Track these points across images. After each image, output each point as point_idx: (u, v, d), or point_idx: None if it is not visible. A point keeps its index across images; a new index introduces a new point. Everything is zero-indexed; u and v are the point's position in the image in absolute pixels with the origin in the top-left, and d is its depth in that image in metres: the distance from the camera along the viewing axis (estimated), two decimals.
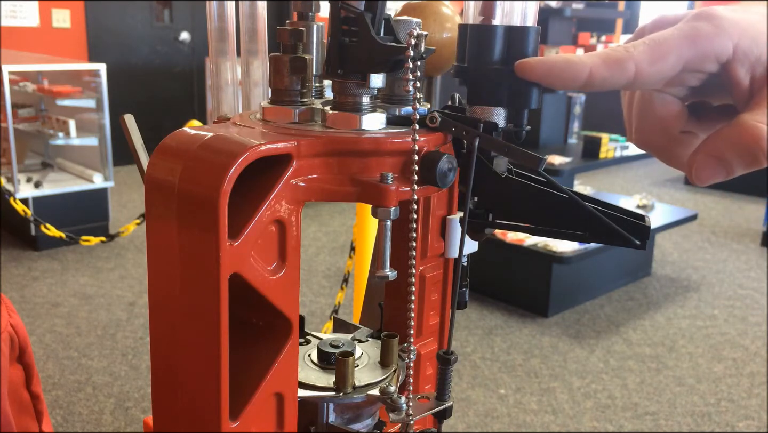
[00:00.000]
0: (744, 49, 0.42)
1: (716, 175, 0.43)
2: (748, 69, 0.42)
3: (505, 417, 2.70)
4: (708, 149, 0.43)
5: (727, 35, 0.42)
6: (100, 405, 2.72)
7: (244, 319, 0.47)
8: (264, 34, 0.61)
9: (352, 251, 2.50)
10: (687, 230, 5.14)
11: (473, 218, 0.53)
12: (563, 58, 0.43)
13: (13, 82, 4.50)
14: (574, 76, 0.43)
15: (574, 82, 0.43)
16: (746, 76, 0.43)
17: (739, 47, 0.42)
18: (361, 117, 0.47)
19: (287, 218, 0.44)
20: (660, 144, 0.48)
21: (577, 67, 0.42)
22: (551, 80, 0.43)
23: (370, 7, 0.45)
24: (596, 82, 0.42)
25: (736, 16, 0.42)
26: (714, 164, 0.42)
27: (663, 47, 0.42)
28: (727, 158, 0.42)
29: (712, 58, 0.42)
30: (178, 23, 7.01)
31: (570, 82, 0.43)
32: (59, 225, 3.77)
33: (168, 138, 0.45)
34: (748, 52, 0.42)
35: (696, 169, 0.43)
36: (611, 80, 0.42)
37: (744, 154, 0.41)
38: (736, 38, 0.42)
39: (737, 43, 0.42)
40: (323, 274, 4.13)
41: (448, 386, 0.54)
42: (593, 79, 0.42)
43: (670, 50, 0.42)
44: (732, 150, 0.41)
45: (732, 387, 2.97)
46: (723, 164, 0.42)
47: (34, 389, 0.86)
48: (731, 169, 0.42)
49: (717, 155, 0.42)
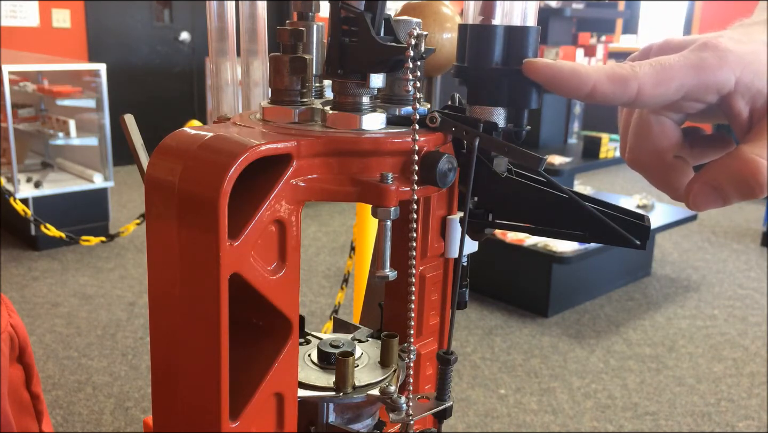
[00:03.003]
0: (746, 83, 0.43)
1: (713, 203, 0.44)
2: (748, 101, 0.43)
3: (505, 417, 2.70)
4: (706, 178, 0.44)
5: (731, 68, 0.42)
6: (100, 405, 2.72)
7: (244, 319, 0.47)
8: (264, 34, 0.61)
9: (352, 251, 2.50)
10: (687, 230, 5.14)
11: (473, 217, 0.53)
12: (570, 67, 0.43)
13: (13, 82, 4.50)
14: (578, 87, 0.43)
15: (576, 92, 0.43)
16: (746, 108, 0.44)
17: (741, 81, 0.43)
18: (361, 117, 0.47)
19: (287, 217, 0.44)
20: (652, 166, 0.49)
21: (581, 78, 0.43)
22: (554, 86, 0.44)
23: (370, 7, 0.45)
24: (598, 96, 0.43)
25: (740, 49, 0.43)
26: (711, 193, 0.43)
27: (668, 72, 0.42)
28: (724, 188, 0.43)
29: (713, 90, 0.43)
30: (178, 23, 7.01)
31: (572, 92, 0.43)
32: (59, 225, 3.77)
33: (168, 138, 0.45)
34: (750, 85, 0.43)
35: (693, 196, 0.44)
36: (613, 97, 0.43)
37: (741, 186, 0.42)
38: (739, 72, 0.42)
39: (739, 76, 0.43)
40: (323, 274, 4.13)
41: (448, 386, 0.54)
42: (595, 93, 0.43)
43: (675, 77, 0.42)
44: (730, 181, 0.42)
45: (732, 387, 2.97)
46: (720, 194, 0.43)
47: (34, 389, 0.86)
48: (728, 199, 0.43)
49: (715, 185, 0.43)
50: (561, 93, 0.44)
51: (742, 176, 0.42)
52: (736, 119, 0.44)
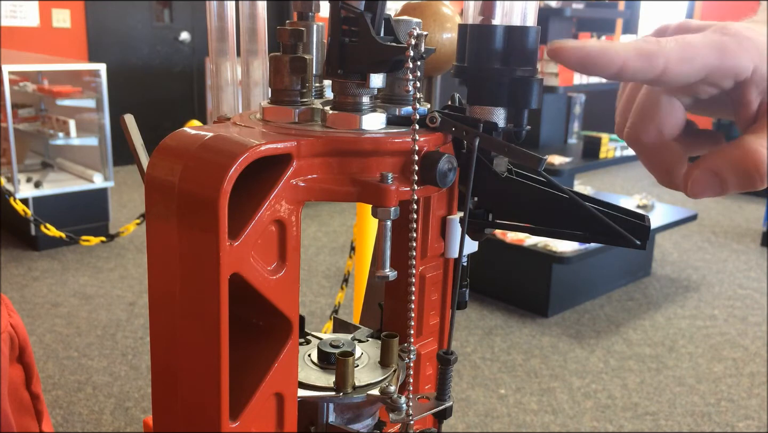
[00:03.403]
0: (762, 74, 0.43)
1: (711, 190, 0.44)
2: (760, 92, 0.43)
3: (505, 417, 2.70)
4: (707, 165, 0.43)
5: (750, 56, 0.42)
6: (100, 405, 2.72)
7: (244, 319, 0.47)
8: (264, 34, 0.61)
9: (352, 251, 2.50)
10: (687, 230, 5.14)
11: (473, 217, 0.53)
12: (599, 46, 0.42)
13: (13, 82, 4.50)
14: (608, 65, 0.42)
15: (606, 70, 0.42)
16: (756, 99, 0.44)
17: (758, 70, 0.43)
18: (361, 117, 0.47)
19: (287, 217, 0.44)
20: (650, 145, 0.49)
21: (611, 57, 0.42)
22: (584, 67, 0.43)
23: (370, 7, 0.45)
24: (627, 74, 0.42)
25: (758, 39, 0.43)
26: (710, 180, 0.43)
27: (692, 50, 0.42)
28: (724, 176, 0.43)
29: (731, 75, 0.43)
30: (178, 23, 7.01)
31: (602, 71, 0.43)
32: (59, 225, 3.77)
33: (168, 138, 0.45)
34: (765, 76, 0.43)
35: (692, 182, 0.44)
36: (641, 74, 0.42)
37: (742, 175, 0.42)
38: (757, 60, 0.42)
39: (757, 65, 0.42)
40: (323, 274, 4.13)
41: (448, 386, 0.54)
42: (625, 71, 0.42)
43: (698, 55, 0.42)
44: (731, 169, 0.42)
45: (732, 387, 2.97)
46: (719, 181, 0.43)
47: (34, 389, 0.86)
48: (726, 187, 0.43)
49: (716, 171, 0.43)
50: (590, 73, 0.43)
51: (744, 165, 0.42)
52: (744, 108, 0.44)
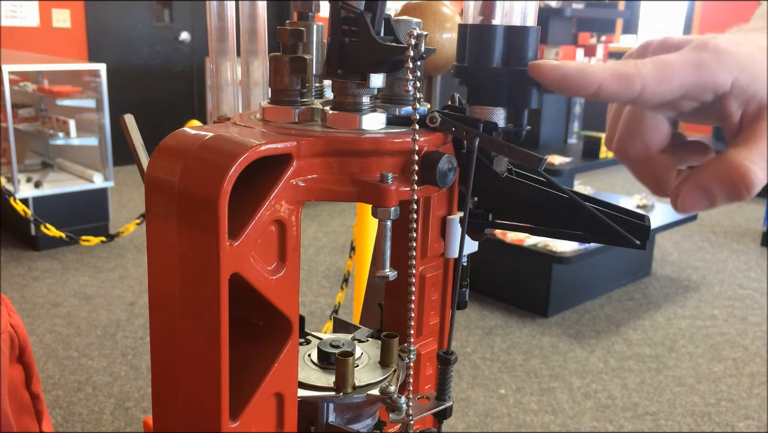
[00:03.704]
0: (741, 85, 0.43)
1: (699, 205, 0.45)
2: (741, 104, 0.44)
3: (505, 417, 2.70)
4: (694, 181, 0.44)
5: (728, 70, 0.43)
6: (100, 405, 2.72)
7: (244, 319, 0.47)
8: (264, 34, 0.61)
9: (352, 251, 2.50)
10: (687, 230, 5.14)
11: (473, 217, 0.53)
12: (576, 68, 0.44)
13: (13, 82, 4.50)
14: (585, 87, 0.44)
15: (583, 92, 0.44)
16: (738, 111, 0.44)
17: (737, 83, 0.43)
18: (361, 117, 0.47)
19: (287, 217, 0.44)
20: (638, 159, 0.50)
21: (588, 78, 0.43)
22: (562, 87, 0.45)
23: (370, 7, 0.45)
24: (603, 95, 0.44)
25: (738, 51, 0.43)
26: (699, 195, 0.44)
27: (669, 70, 0.43)
28: (711, 191, 0.44)
29: (710, 90, 0.44)
30: (178, 23, 7.01)
31: (579, 92, 0.44)
32: (59, 225, 3.77)
33: (168, 138, 0.45)
34: (745, 88, 0.43)
35: (681, 198, 0.45)
36: (618, 95, 0.44)
37: (728, 189, 0.43)
38: (736, 73, 0.43)
39: (736, 78, 0.43)
40: (323, 274, 4.13)
41: (448, 386, 0.54)
42: (602, 92, 0.44)
43: (676, 75, 0.43)
44: (717, 184, 0.43)
45: (732, 387, 2.97)
46: (707, 196, 0.44)
47: (34, 389, 0.86)
48: (714, 201, 0.44)
49: (703, 187, 0.44)
50: (568, 93, 0.45)
51: (730, 179, 0.42)
52: (727, 121, 0.45)
